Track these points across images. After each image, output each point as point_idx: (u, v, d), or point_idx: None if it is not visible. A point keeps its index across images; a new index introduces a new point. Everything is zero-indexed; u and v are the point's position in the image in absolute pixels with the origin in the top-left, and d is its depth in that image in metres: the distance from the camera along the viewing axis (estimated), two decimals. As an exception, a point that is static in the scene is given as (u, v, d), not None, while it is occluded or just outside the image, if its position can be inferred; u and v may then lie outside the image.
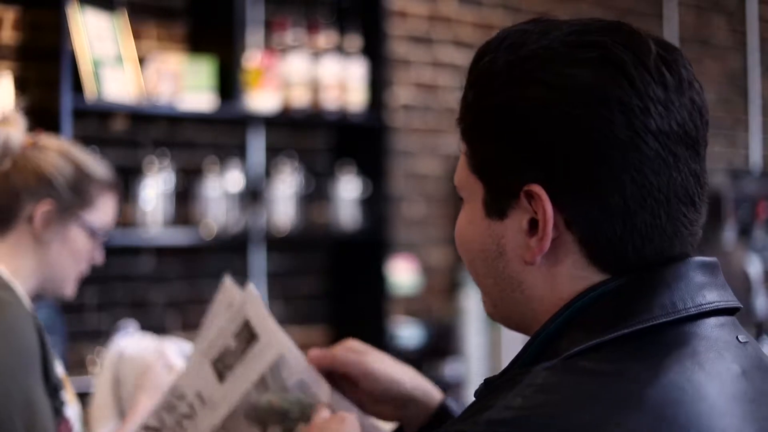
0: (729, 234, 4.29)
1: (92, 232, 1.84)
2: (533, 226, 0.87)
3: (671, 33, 5.17)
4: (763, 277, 4.06)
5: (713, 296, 0.87)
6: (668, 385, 0.80)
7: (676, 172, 0.86)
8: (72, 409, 1.78)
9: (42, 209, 1.80)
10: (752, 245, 4.35)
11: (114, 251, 3.31)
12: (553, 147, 0.85)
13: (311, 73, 3.59)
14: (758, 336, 3.86)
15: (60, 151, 1.86)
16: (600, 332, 0.83)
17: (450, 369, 3.86)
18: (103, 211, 1.86)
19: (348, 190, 3.70)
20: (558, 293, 0.88)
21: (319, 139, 3.87)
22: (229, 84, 3.35)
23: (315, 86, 3.60)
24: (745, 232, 4.41)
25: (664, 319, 0.83)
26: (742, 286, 3.84)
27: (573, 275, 0.87)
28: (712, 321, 0.86)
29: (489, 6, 4.38)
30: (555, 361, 0.84)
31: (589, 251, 0.86)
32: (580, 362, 0.82)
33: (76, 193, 1.83)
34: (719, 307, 0.87)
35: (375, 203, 3.69)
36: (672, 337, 0.84)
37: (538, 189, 0.85)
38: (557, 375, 0.82)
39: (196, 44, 3.48)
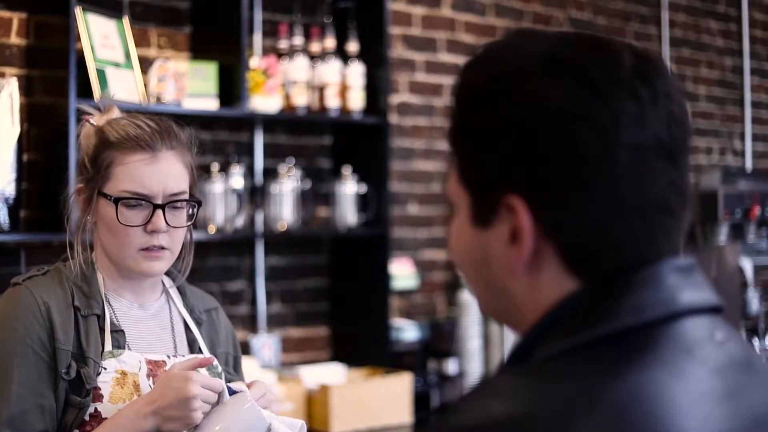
0: (723, 233, 4.33)
1: (114, 200, 1.74)
2: (515, 236, 0.89)
3: (668, 36, 5.22)
4: (756, 275, 4.09)
5: (687, 297, 0.88)
6: (627, 386, 0.81)
7: (652, 182, 0.87)
8: (116, 407, 1.70)
9: (77, 190, 1.81)
10: (745, 244, 4.39)
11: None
12: (527, 162, 0.87)
13: (312, 75, 3.64)
14: (752, 333, 3.89)
15: (97, 128, 1.81)
16: (570, 338, 0.85)
17: (450, 367, 3.89)
18: (125, 176, 1.75)
19: (348, 189, 3.73)
20: (539, 301, 0.90)
21: (320, 139, 3.91)
22: (231, 86, 3.39)
23: (316, 87, 3.65)
24: (738, 231, 4.45)
25: (632, 323, 0.85)
26: (736, 285, 3.87)
27: (553, 283, 0.89)
28: (686, 321, 0.87)
29: (488, 7, 4.42)
30: (523, 365, 0.87)
31: (566, 260, 0.88)
32: (546, 367, 0.85)
33: (94, 166, 1.77)
34: (694, 307, 0.88)
35: (375, 203, 3.72)
36: (639, 339, 0.85)
37: (515, 201, 0.88)
38: (521, 379, 0.85)
39: (199, 47, 3.53)
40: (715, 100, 5.49)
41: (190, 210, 1.82)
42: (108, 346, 1.74)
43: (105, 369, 1.72)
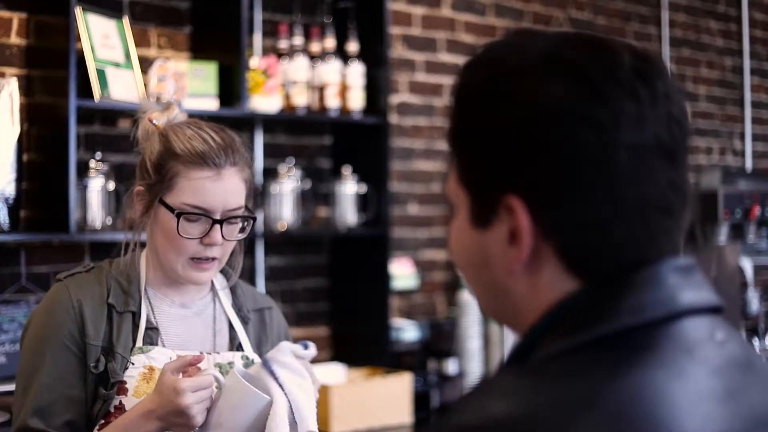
0: (723, 233, 4.33)
1: (177, 214, 1.77)
2: (514, 236, 0.89)
3: (668, 36, 5.22)
4: (756, 275, 4.09)
5: (687, 297, 0.88)
6: (627, 386, 0.81)
7: (651, 182, 0.87)
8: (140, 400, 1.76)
9: (137, 192, 1.84)
10: (745, 244, 4.39)
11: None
12: (527, 162, 0.87)
13: (312, 75, 3.64)
14: (752, 333, 3.89)
15: (161, 132, 1.84)
16: (570, 338, 0.85)
17: (450, 367, 3.89)
18: (189, 191, 1.78)
19: (348, 189, 3.74)
20: (539, 301, 0.90)
21: (320, 139, 3.91)
22: (231, 86, 3.39)
23: (316, 87, 3.65)
24: (738, 231, 4.45)
25: (632, 323, 0.85)
26: (736, 285, 3.87)
27: (552, 284, 0.89)
28: (686, 322, 0.87)
29: (488, 7, 4.42)
30: (523, 365, 0.87)
31: (566, 260, 0.88)
32: (546, 366, 0.85)
33: (158, 173, 1.80)
34: (694, 307, 0.88)
35: (375, 203, 3.71)
36: (639, 339, 0.84)
37: (514, 201, 0.88)
38: (521, 379, 0.85)
39: (199, 47, 3.53)
40: (715, 100, 5.49)
41: (243, 223, 1.86)
42: (139, 342, 1.81)
43: (133, 364, 1.78)
